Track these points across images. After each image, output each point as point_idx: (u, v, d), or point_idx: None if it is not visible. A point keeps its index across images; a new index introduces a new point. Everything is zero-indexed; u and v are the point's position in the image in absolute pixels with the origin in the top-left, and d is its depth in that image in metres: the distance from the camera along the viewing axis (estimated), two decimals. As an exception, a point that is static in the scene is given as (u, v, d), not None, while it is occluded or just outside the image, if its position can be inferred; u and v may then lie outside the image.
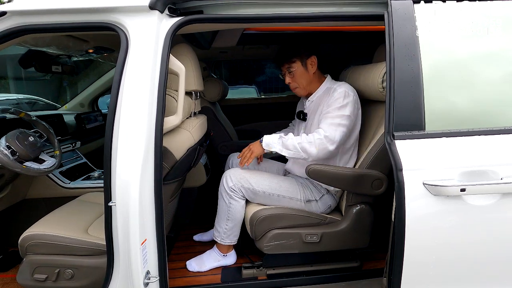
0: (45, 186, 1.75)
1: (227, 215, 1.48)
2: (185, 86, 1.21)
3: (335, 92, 1.42)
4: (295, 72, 1.51)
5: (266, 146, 1.42)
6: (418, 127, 0.97)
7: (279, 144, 1.39)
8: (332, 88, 1.48)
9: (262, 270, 1.50)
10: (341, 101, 1.39)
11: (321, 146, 1.35)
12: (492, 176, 0.93)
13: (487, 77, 1.04)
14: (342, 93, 1.41)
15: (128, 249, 1.00)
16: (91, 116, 2.49)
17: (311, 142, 1.35)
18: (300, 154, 1.37)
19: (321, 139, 1.35)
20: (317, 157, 1.37)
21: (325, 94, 1.50)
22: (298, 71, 1.51)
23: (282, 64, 1.54)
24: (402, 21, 1.03)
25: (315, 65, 1.52)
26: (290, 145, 1.37)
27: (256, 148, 1.45)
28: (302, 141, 1.36)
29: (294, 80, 1.53)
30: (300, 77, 1.52)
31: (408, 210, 0.91)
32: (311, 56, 1.51)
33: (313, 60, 1.51)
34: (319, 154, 1.36)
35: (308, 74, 1.52)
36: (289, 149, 1.38)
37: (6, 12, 1.07)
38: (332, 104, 1.40)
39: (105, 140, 1.03)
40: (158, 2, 1.05)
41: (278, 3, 1.11)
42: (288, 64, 1.51)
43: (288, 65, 1.51)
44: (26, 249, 1.22)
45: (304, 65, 1.51)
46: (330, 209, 1.52)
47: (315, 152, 1.35)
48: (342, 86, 1.45)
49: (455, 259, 0.97)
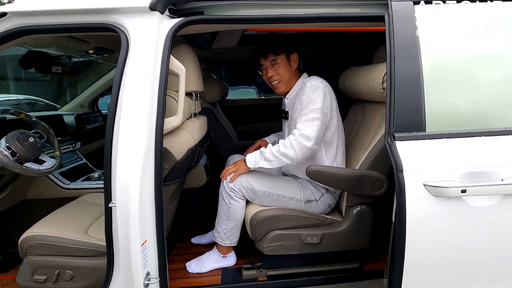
0: (45, 187, 1.75)
1: (227, 215, 1.48)
2: (185, 87, 1.21)
3: (305, 88, 1.45)
4: (280, 65, 1.52)
5: (251, 165, 1.43)
6: (419, 128, 0.97)
7: (261, 159, 1.41)
8: (304, 83, 1.51)
9: (263, 271, 1.50)
10: (310, 95, 1.41)
11: (298, 146, 1.34)
12: (493, 177, 0.93)
13: (488, 78, 1.04)
14: (310, 87, 1.42)
15: (128, 250, 1.00)
16: (91, 116, 2.49)
17: (287, 146, 1.36)
18: (282, 160, 1.37)
19: (296, 139, 1.35)
20: (299, 158, 1.37)
21: (300, 90, 1.52)
22: (282, 64, 1.53)
23: (267, 54, 1.53)
24: (402, 22, 1.03)
25: (297, 63, 1.57)
26: (270, 156, 1.38)
27: (242, 167, 1.45)
28: (280, 148, 1.37)
29: (277, 73, 1.54)
30: (284, 70, 1.54)
31: (408, 212, 0.90)
32: (294, 52, 1.55)
33: (295, 57, 1.56)
34: (298, 154, 1.35)
35: (290, 69, 1.55)
36: (271, 160, 1.38)
37: (6, 13, 1.07)
38: (303, 101, 1.42)
39: (105, 141, 1.03)
40: (159, 3, 1.05)
41: (278, 4, 1.11)
42: (274, 55, 1.52)
43: (274, 57, 1.52)
44: (26, 250, 1.22)
45: (288, 59, 1.54)
46: (330, 208, 1.52)
47: (294, 154, 1.35)
48: (311, 80, 1.47)
49: (456, 260, 0.97)
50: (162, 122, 1.06)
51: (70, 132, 2.19)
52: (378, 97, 1.44)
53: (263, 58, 1.56)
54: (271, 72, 1.55)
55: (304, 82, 1.50)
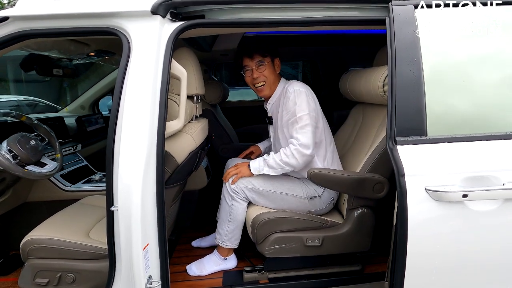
0: (46, 189, 1.75)
1: (229, 216, 1.49)
2: (186, 90, 1.21)
3: (287, 93, 1.46)
4: (266, 66, 1.52)
5: (255, 171, 1.46)
6: (420, 131, 0.97)
7: (265, 166, 1.45)
8: (285, 87, 1.51)
9: (264, 274, 1.50)
10: (296, 101, 1.42)
11: (299, 155, 1.39)
12: (494, 181, 0.93)
13: (489, 80, 1.04)
14: (293, 93, 1.43)
15: (130, 254, 1.00)
16: (92, 118, 2.49)
17: (289, 155, 1.40)
18: (285, 168, 1.42)
19: (297, 148, 1.39)
20: (301, 165, 1.42)
21: (281, 96, 1.53)
22: (268, 66, 1.53)
23: (253, 55, 1.52)
24: (403, 25, 1.04)
25: (279, 68, 1.58)
26: (274, 164, 1.43)
27: (244, 171, 1.47)
28: (282, 157, 1.42)
29: (263, 74, 1.53)
30: (269, 72, 1.53)
31: (410, 216, 0.90)
32: (277, 57, 1.57)
33: (278, 62, 1.57)
34: (300, 162, 1.40)
35: (274, 73, 1.55)
36: (274, 168, 1.43)
37: (8, 17, 1.07)
38: (290, 108, 1.44)
39: (107, 145, 1.04)
40: (160, 7, 1.06)
41: (279, 8, 1.11)
42: (261, 57, 1.52)
43: (261, 58, 1.52)
44: (27, 253, 1.22)
45: (273, 63, 1.55)
46: (333, 202, 1.52)
47: (295, 162, 1.40)
48: (292, 85, 1.48)
49: (457, 265, 0.97)
50: (164, 125, 1.06)
51: (71, 134, 2.20)
52: (379, 100, 1.44)
53: (248, 59, 1.53)
54: (257, 73, 1.53)
55: (285, 87, 1.51)
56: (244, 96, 5.58)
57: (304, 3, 1.11)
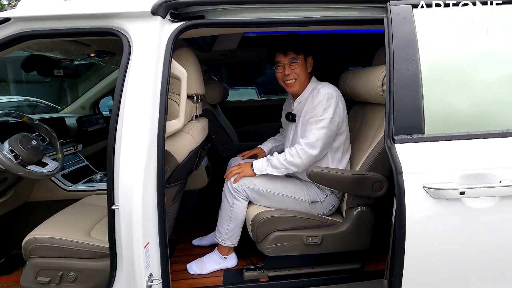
0: (47, 189, 1.76)
1: (230, 215, 1.49)
2: (186, 90, 1.22)
3: (319, 94, 1.45)
4: (299, 64, 1.51)
5: (258, 171, 1.46)
6: (418, 130, 0.98)
7: (269, 166, 1.45)
8: (316, 88, 1.51)
9: (264, 272, 1.51)
10: (324, 103, 1.42)
11: (304, 155, 1.40)
12: (491, 179, 0.93)
13: (487, 79, 1.05)
14: (325, 95, 1.43)
15: (131, 252, 1.01)
16: (93, 119, 2.50)
17: (294, 155, 1.41)
18: (289, 168, 1.43)
19: (302, 148, 1.41)
20: (305, 165, 1.42)
21: (310, 95, 1.53)
22: (301, 64, 1.52)
23: (287, 51, 1.50)
24: (401, 25, 1.04)
25: (311, 66, 1.57)
26: (278, 164, 1.44)
27: (247, 171, 1.47)
28: (287, 156, 1.42)
29: (295, 72, 1.52)
30: (301, 70, 1.53)
31: (408, 213, 0.91)
32: (310, 56, 1.56)
33: (311, 61, 1.57)
34: (305, 162, 1.41)
35: (306, 71, 1.55)
36: (278, 168, 1.44)
37: (10, 18, 1.09)
38: (316, 108, 1.43)
39: (108, 144, 1.04)
40: (160, 7, 1.07)
41: (278, 8, 1.12)
42: (295, 54, 1.51)
43: (295, 56, 1.50)
44: (29, 252, 1.23)
45: (305, 61, 1.54)
46: (334, 209, 1.53)
47: (300, 162, 1.41)
48: (325, 87, 1.47)
49: (455, 261, 0.98)
50: (164, 125, 1.07)
51: (72, 135, 2.21)
52: (378, 99, 1.45)
53: (281, 55, 1.52)
54: (289, 70, 1.52)
55: (317, 88, 1.50)
56: (244, 96, 5.61)
57: (303, 3, 1.12)
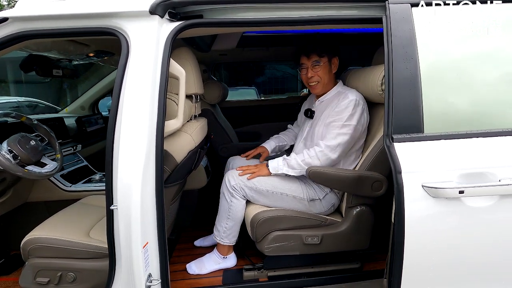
0: (46, 190, 1.76)
1: (228, 213, 1.49)
2: (185, 90, 1.22)
3: (346, 99, 1.44)
4: (322, 67, 1.51)
5: (273, 170, 1.47)
6: (417, 129, 0.98)
7: (285, 165, 1.46)
8: (343, 93, 1.50)
9: (263, 272, 1.51)
10: (350, 110, 1.41)
11: (323, 157, 1.41)
12: (491, 178, 0.93)
13: (485, 78, 1.05)
14: (353, 102, 1.42)
15: (130, 252, 1.00)
16: (92, 119, 2.50)
17: (313, 156, 1.42)
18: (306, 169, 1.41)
19: (322, 150, 1.41)
20: None
21: (335, 98, 1.52)
22: (324, 66, 1.52)
23: (311, 54, 1.51)
24: (400, 24, 1.04)
25: (337, 67, 1.56)
26: (295, 164, 1.44)
27: (263, 170, 1.49)
28: (305, 157, 1.43)
29: (318, 74, 1.53)
30: (324, 73, 1.53)
31: (407, 212, 0.91)
32: (335, 56, 1.55)
33: (336, 61, 1.55)
34: (322, 164, 1.42)
35: (330, 73, 1.55)
36: (295, 168, 1.44)
37: (7, 18, 1.08)
38: (342, 112, 1.42)
39: (107, 144, 1.04)
40: (159, 7, 1.06)
41: (277, 7, 1.12)
42: (318, 56, 1.51)
43: (318, 58, 1.51)
44: (28, 252, 1.23)
45: (330, 62, 1.53)
46: (333, 208, 1.53)
47: (318, 164, 1.42)
48: (353, 93, 1.47)
49: (455, 261, 0.98)
50: (163, 125, 1.06)
51: (71, 135, 2.20)
52: (377, 99, 1.44)
53: (305, 57, 1.54)
54: (312, 72, 1.53)
55: (343, 92, 1.51)
56: (244, 96, 5.61)
57: (302, 3, 1.12)
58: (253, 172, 1.49)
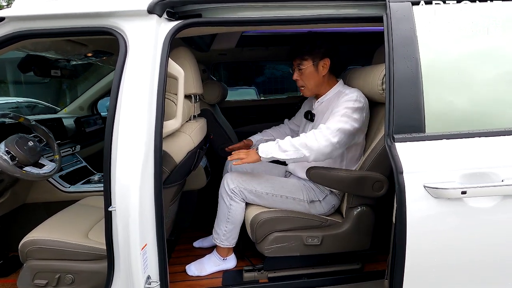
0: (45, 191, 1.75)
1: (227, 217, 1.48)
2: (184, 90, 1.21)
3: (346, 96, 1.40)
4: (304, 71, 1.46)
5: (263, 154, 1.34)
6: (418, 129, 0.97)
7: (276, 148, 1.32)
8: (342, 92, 1.46)
9: (263, 273, 1.50)
10: (351, 104, 1.35)
11: (322, 139, 1.27)
12: (493, 178, 0.92)
13: (487, 77, 1.04)
14: (354, 97, 1.37)
15: (128, 254, 1.00)
16: (91, 119, 2.49)
17: (309, 136, 1.29)
18: (300, 151, 1.28)
19: (321, 131, 1.29)
20: (319, 152, 1.28)
21: (335, 98, 1.46)
22: (307, 70, 1.45)
23: (294, 58, 1.49)
24: (400, 22, 1.03)
25: (327, 68, 1.47)
26: (288, 145, 1.29)
27: (252, 156, 1.37)
28: (301, 138, 1.30)
29: (301, 79, 1.48)
30: (308, 77, 1.46)
31: (409, 213, 0.90)
32: (325, 58, 1.46)
33: (325, 63, 1.46)
34: (320, 146, 1.27)
35: (317, 76, 1.47)
36: (286, 150, 1.30)
37: (4, 17, 1.07)
38: (342, 104, 1.36)
39: (105, 145, 1.03)
40: (157, 6, 1.05)
41: (276, 6, 1.11)
42: (300, 60, 1.46)
43: (299, 62, 1.47)
44: (26, 254, 1.22)
45: (315, 65, 1.46)
46: (334, 209, 1.51)
47: (316, 145, 1.27)
48: (355, 91, 1.42)
49: (457, 262, 0.96)
50: (161, 125, 1.05)
51: (70, 135, 2.19)
52: (378, 98, 1.43)
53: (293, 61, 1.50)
54: (296, 75, 1.49)
55: (344, 91, 1.45)
56: (243, 96, 5.59)
57: (302, 1, 1.11)
58: (242, 158, 1.36)
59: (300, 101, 3.01)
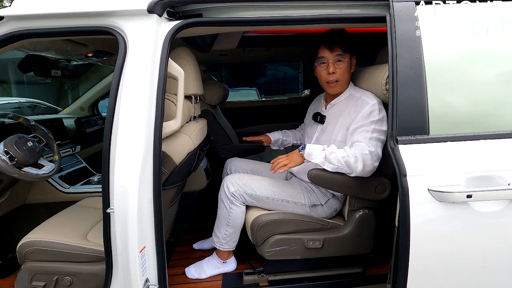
0: (44, 191, 1.74)
1: (228, 220, 1.46)
2: (184, 90, 1.19)
3: (367, 104, 1.32)
4: (344, 63, 1.38)
5: (307, 156, 1.29)
6: (422, 130, 0.95)
7: (322, 157, 1.27)
8: (356, 96, 1.40)
9: (264, 276, 1.48)
10: (376, 115, 1.29)
11: (367, 162, 1.24)
12: (499, 181, 0.90)
13: (492, 78, 1.02)
14: (376, 106, 1.31)
15: (126, 257, 0.98)
16: (91, 120, 2.48)
17: (357, 157, 1.24)
18: (344, 169, 1.26)
19: (367, 154, 1.24)
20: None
21: (349, 101, 1.41)
22: (345, 64, 1.39)
23: (335, 47, 1.35)
24: (404, 22, 1.02)
25: (354, 67, 1.45)
26: (334, 159, 1.26)
27: (296, 158, 1.31)
28: (347, 154, 1.25)
29: (340, 72, 1.39)
30: (344, 71, 1.39)
31: (412, 217, 0.88)
32: (354, 56, 1.43)
33: (354, 61, 1.44)
34: (363, 170, 1.24)
35: (349, 72, 1.42)
36: (332, 163, 1.26)
37: (3, 17, 1.06)
38: (368, 117, 1.30)
39: (103, 146, 1.02)
40: (157, 5, 1.04)
41: (278, 6, 1.10)
42: (342, 51, 1.36)
43: (342, 53, 1.36)
44: (24, 256, 1.21)
45: (350, 61, 1.41)
46: (335, 213, 1.49)
47: (360, 169, 1.24)
48: (372, 98, 1.34)
49: (462, 267, 0.94)
50: (161, 126, 1.04)
51: (70, 136, 2.19)
52: (382, 98, 1.41)
53: (327, 50, 1.36)
54: (333, 68, 1.37)
55: (357, 95, 1.39)
56: (245, 96, 5.59)
57: (303, 1, 1.09)
58: (285, 165, 1.31)
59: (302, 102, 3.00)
